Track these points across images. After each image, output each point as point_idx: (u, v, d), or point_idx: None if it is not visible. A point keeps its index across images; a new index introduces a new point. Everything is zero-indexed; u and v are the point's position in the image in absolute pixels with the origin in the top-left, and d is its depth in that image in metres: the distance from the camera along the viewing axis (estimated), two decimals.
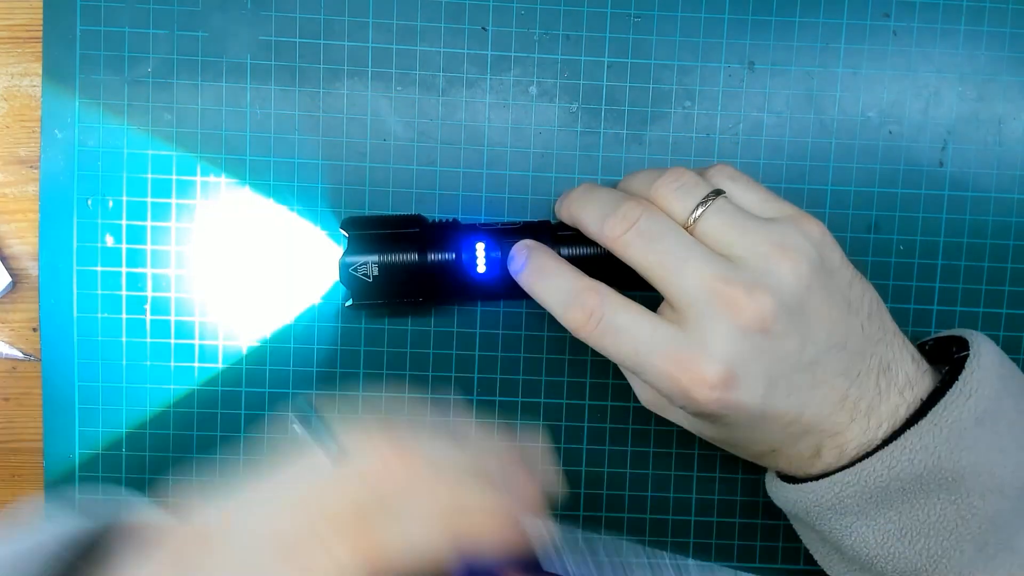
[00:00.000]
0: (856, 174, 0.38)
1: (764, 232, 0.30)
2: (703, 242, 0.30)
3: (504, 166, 0.38)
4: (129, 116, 0.37)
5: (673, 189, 0.31)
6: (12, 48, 0.38)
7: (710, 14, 0.37)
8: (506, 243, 0.35)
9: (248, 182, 0.38)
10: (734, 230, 0.30)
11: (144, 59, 0.37)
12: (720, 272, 0.29)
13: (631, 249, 0.31)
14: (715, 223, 0.30)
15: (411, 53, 0.38)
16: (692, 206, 0.31)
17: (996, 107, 0.38)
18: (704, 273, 0.29)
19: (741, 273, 0.29)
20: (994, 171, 0.38)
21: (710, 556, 0.39)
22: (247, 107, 0.37)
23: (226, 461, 0.38)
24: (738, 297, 0.28)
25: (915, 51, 0.38)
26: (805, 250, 0.29)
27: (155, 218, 0.37)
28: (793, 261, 0.29)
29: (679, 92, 0.38)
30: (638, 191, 0.32)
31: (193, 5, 0.37)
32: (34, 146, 0.38)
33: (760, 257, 0.29)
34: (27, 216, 0.38)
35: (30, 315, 0.38)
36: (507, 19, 0.37)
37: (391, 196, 0.38)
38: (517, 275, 0.33)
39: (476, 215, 0.38)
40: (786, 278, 0.29)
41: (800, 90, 0.38)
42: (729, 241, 0.30)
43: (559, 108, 0.38)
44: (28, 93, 0.38)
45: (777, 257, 0.29)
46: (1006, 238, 0.38)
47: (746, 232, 0.30)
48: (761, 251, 0.29)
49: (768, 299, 0.28)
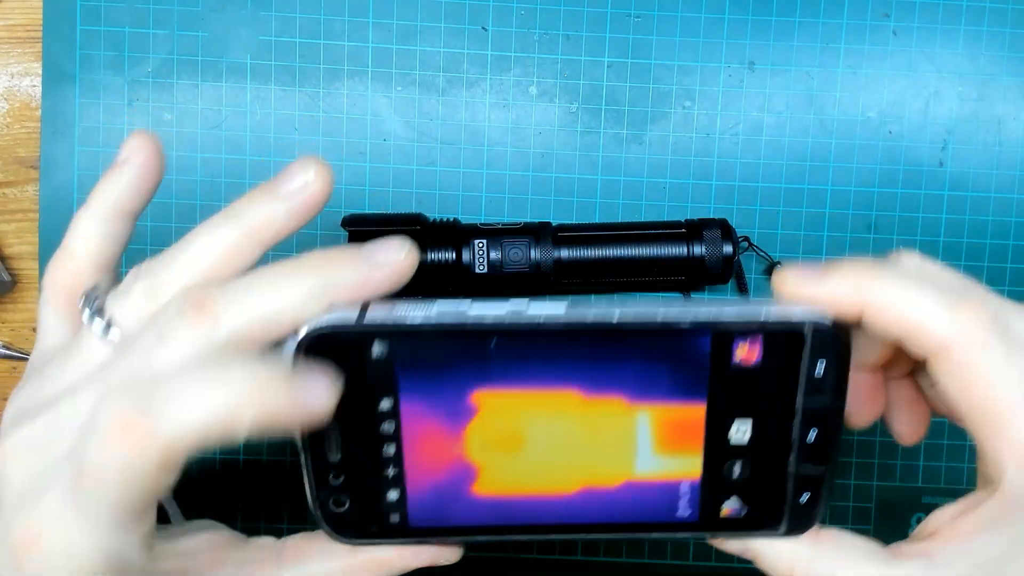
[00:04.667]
0: (856, 174, 0.38)
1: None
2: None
3: (504, 166, 0.38)
4: (129, 116, 0.37)
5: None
6: (12, 48, 0.38)
7: (710, 14, 0.37)
8: (506, 243, 0.35)
9: (248, 181, 0.38)
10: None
11: (144, 59, 0.37)
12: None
13: (992, 354, 0.21)
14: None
15: (411, 53, 0.38)
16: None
17: (996, 107, 0.38)
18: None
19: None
20: (994, 171, 0.38)
21: (710, 557, 0.39)
22: (247, 107, 0.37)
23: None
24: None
25: (915, 51, 0.38)
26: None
27: (155, 219, 0.37)
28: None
29: (679, 92, 0.38)
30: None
31: (193, 5, 0.37)
32: (34, 146, 0.38)
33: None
34: (27, 216, 0.38)
35: (30, 315, 0.38)
36: (507, 19, 0.37)
37: (391, 196, 0.38)
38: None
39: (476, 215, 0.38)
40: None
41: (800, 90, 0.38)
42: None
43: (559, 108, 0.38)
44: (28, 93, 0.38)
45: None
46: (1006, 238, 0.38)
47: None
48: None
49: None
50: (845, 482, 0.39)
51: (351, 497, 0.25)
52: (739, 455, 0.25)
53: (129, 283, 0.23)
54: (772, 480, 0.25)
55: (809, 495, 0.25)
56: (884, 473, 0.39)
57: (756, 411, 0.24)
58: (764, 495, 0.25)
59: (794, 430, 0.24)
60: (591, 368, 0.24)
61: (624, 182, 0.38)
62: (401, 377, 0.24)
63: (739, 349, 0.24)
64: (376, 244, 0.23)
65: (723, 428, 0.25)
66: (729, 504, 0.25)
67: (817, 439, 0.24)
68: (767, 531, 0.25)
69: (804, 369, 0.24)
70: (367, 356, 0.24)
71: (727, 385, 0.24)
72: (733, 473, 0.25)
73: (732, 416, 0.24)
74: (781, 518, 0.25)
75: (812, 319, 0.23)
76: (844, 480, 0.39)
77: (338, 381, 0.22)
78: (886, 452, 0.38)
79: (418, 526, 0.25)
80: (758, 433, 0.25)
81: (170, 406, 0.20)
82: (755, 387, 0.24)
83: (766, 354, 0.24)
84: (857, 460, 0.39)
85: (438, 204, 0.38)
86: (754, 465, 0.25)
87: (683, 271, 0.36)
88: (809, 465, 0.25)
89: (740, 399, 0.24)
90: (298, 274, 0.22)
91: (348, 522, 0.25)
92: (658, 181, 0.38)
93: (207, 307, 0.21)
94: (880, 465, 0.39)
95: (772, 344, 0.24)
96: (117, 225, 0.26)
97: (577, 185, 0.38)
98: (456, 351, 0.24)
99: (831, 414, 0.24)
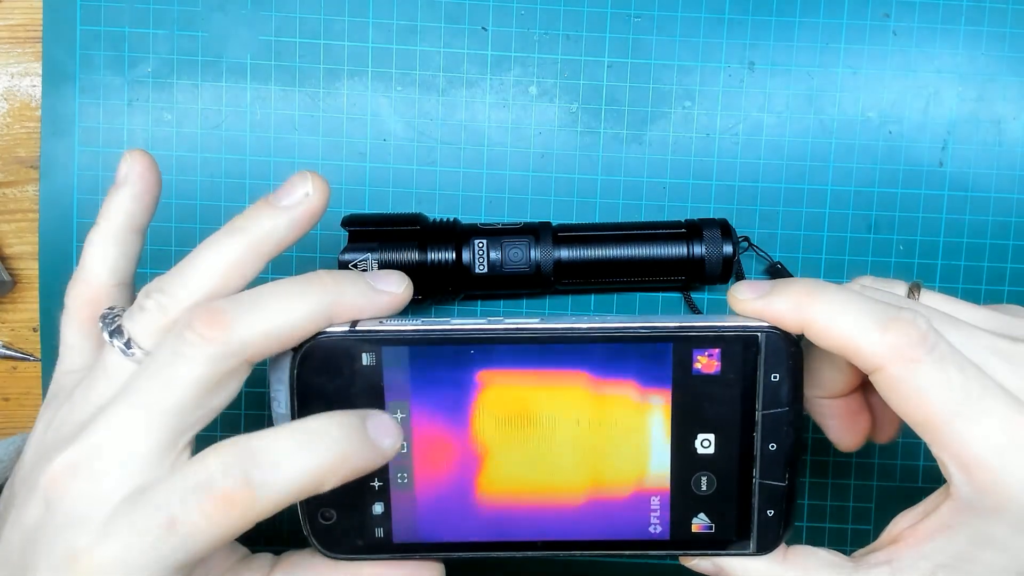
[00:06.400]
0: (856, 174, 0.38)
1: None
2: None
3: (504, 166, 0.38)
4: (129, 116, 0.37)
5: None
6: (12, 48, 0.38)
7: (710, 14, 0.37)
8: (506, 243, 0.35)
9: (248, 182, 0.38)
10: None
11: (144, 59, 0.37)
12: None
13: (923, 369, 0.23)
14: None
15: (411, 53, 0.38)
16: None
17: (996, 107, 0.38)
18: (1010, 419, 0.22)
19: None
20: (994, 171, 0.38)
21: None
22: (247, 107, 0.37)
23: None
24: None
25: (915, 51, 0.38)
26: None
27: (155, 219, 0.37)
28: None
29: (679, 92, 0.38)
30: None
31: (193, 5, 0.37)
32: (34, 146, 0.38)
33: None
34: (27, 216, 0.38)
35: (30, 315, 0.38)
36: (507, 19, 0.37)
37: (391, 196, 0.38)
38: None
39: (476, 215, 0.38)
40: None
41: (800, 90, 0.38)
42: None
43: (559, 108, 0.38)
44: (28, 93, 0.38)
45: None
46: (1006, 238, 0.38)
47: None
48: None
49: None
50: (845, 482, 0.39)
51: (338, 511, 0.25)
52: (705, 467, 0.26)
53: (141, 301, 0.24)
54: (738, 494, 0.26)
55: (774, 511, 0.26)
56: (884, 473, 0.39)
57: (719, 422, 0.25)
58: (731, 510, 0.26)
59: (756, 442, 0.25)
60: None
61: (624, 182, 0.38)
62: (388, 386, 0.25)
63: (700, 358, 0.25)
64: (381, 273, 0.25)
65: (689, 439, 0.25)
66: (698, 520, 0.26)
67: (777, 452, 0.25)
68: (737, 548, 0.26)
69: (761, 378, 0.25)
70: (358, 365, 0.25)
71: (690, 394, 0.25)
72: (701, 486, 0.26)
73: (696, 428, 0.25)
74: (749, 534, 0.26)
75: (765, 329, 0.24)
76: (844, 480, 0.39)
77: (330, 390, 0.24)
78: (886, 452, 0.38)
79: (403, 541, 0.26)
80: (722, 445, 0.25)
81: (269, 478, 0.21)
82: (716, 397, 0.25)
83: (724, 363, 0.25)
84: (857, 460, 0.39)
85: (438, 204, 0.38)
86: (720, 479, 0.26)
87: (683, 271, 0.36)
88: (772, 480, 0.26)
89: (703, 410, 0.25)
90: (307, 291, 0.24)
91: (335, 537, 0.26)
92: (658, 181, 0.38)
93: (218, 321, 0.22)
94: (880, 465, 0.39)
95: (730, 352, 0.25)
96: (127, 241, 0.27)
97: (577, 185, 0.38)
98: (446, 359, 0.25)
99: (789, 425, 0.25)
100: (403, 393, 0.25)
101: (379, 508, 0.26)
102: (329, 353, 0.24)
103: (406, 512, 0.26)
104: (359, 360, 0.25)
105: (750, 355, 0.25)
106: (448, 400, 0.25)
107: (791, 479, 0.25)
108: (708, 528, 0.26)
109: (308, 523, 0.26)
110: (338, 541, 0.26)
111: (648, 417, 0.25)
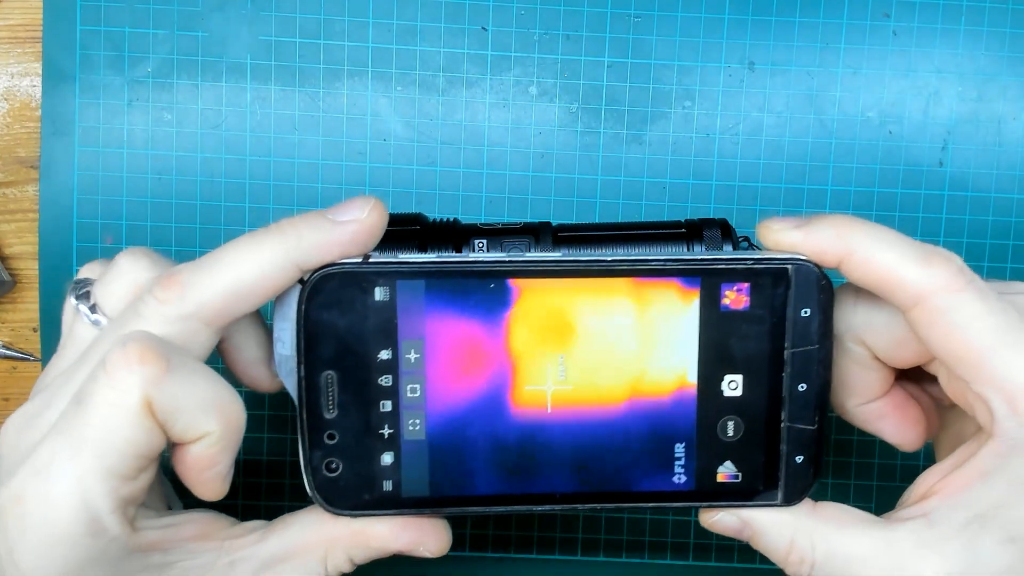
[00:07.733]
0: (856, 174, 0.38)
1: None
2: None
3: (504, 166, 0.38)
4: (129, 116, 0.37)
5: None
6: (12, 48, 0.38)
7: (710, 14, 0.37)
8: (506, 243, 0.35)
9: (248, 182, 0.38)
10: None
11: (144, 59, 0.37)
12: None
13: (965, 298, 0.22)
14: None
15: (411, 53, 0.38)
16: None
17: (996, 107, 0.38)
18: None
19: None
20: (994, 171, 0.38)
21: (710, 557, 0.39)
22: (247, 107, 0.37)
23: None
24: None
25: (915, 51, 0.38)
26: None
27: (155, 219, 0.37)
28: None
29: (679, 92, 0.38)
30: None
31: (193, 5, 0.37)
32: (34, 146, 0.38)
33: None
34: (27, 216, 0.38)
35: (30, 315, 0.38)
36: (507, 19, 0.37)
37: (391, 196, 0.38)
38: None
39: (476, 215, 0.38)
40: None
41: (800, 90, 0.38)
42: None
43: (559, 108, 0.38)
44: (28, 93, 0.38)
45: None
46: (1006, 238, 0.38)
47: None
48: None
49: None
50: (845, 482, 0.39)
51: (344, 461, 0.24)
52: (732, 411, 0.24)
53: (115, 275, 0.24)
54: (766, 440, 0.24)
55: (803, 457, 0.25)
56: (884, 473, 0.39)
57: (747, 363, 0.24)
58: (759, 457, 0.25)
59: (784, 382, 0.24)
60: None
61: (624, 182, 0.38)
62: (402, 324, 0.23)
63: (728, 293, 0.24)
64: (340, 204, 0.23)
65: (715, 381, 0.24)
66: (724, 468, 0.25)
67: (807, 392, 0.24)
68: (764, 499, 0.25)
69: (791, 314, 0.24)
70: (370, 299, 0.23)
71: (717, 333, 0.24)
72: (728, 432, 0.25)
73: (724, 369, 0.24)
74: (777, 483, 0.25)
75: (797, 261, 0.24)
76: (844, 480, 0.39)
77: (340, 327, 0.23)
78: (886, 452, 0.38)
79: (412, 495, 0.24)
80: (749, 387, 0.24)
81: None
82: (745, 335, 0.24)
83: (754, 298, 0.24)
84: (857, 460, 0.39)
85: (438, 204, 0.38)
86: (747, 423, 0.24)
87: None
88: (801, 424, 0.24)
89: (731, 350, 0.24)
90: (262, 242, 0.22)
91: (339, 490, 0.24)
92: (658, 181, 0.38)
93: (174, 283, 0.22)
94: (880, 465, 0.39)
95: (759, 287, 0.24)
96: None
97: (577, 185, 0.38)
98: (463, 294, 0.23)
99: (820, 363, 0.24)
100: (417, 331, 0.23)
101: (388, 458, 0.24)
102: (339, 285, 0.23)
103: (416, 463, 0.24)
104: (371, 294, 0.23)
105: (780, 289, 0.24)
106: (466, 339, 0.24)
107: (820, 422, 0.24)
108: (734, 477, 0.25)
109: (311, 474, 0.24)
110: (343, 494, 0.24)
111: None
